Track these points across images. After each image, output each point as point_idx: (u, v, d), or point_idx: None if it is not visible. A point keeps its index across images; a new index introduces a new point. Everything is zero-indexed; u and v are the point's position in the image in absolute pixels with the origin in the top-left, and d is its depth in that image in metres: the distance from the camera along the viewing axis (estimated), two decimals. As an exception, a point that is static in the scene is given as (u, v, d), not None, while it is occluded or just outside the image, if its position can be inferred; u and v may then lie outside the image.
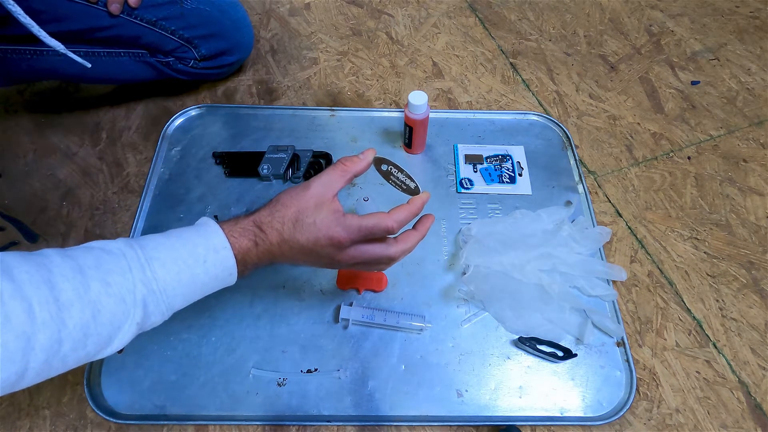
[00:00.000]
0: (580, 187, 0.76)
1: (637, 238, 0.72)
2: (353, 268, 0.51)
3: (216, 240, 0.45)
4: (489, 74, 0.93)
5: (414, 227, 0.53)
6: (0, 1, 0.57)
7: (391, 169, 0.58)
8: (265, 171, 0.75)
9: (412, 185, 0.57)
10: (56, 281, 0.36)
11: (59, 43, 0.64)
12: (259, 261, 0.48)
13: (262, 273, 0.68)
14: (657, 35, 1.00)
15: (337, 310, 0.64)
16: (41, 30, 0.61)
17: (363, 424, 0.58)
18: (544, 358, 0.61)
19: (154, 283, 0.40)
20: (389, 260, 0.51)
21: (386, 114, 0.86)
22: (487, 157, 0.79)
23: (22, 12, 0.59)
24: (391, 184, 0.58)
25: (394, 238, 0.51)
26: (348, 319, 0.62)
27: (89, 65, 0.68)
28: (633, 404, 0.59)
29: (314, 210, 0.47)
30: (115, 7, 0.71)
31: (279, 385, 0.60)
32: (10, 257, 0.36)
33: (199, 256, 0.43)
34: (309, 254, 0.48)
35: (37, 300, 0.35)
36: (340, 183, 0.49)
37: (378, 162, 0.58)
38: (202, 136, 0.83)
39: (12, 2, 0.58)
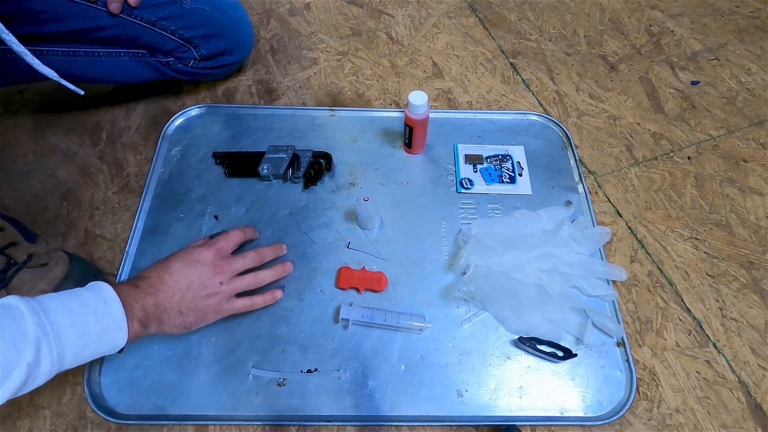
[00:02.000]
0: (580, 187, 0.76)
1: (637, 238, 0.72)
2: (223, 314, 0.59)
3: (106, 294, 0.48)
4: (489, 74, 0.93)
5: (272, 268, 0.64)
6: None
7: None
8: (265, 171, 0.75)
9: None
10: None
11: (53, 71, 0.65)
12: (146, 315, 0.51)
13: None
14: (657, 35, 1.00)
15: (338, 310, 0.64)
16: (35, 58, 0.63)
17: (363, 424, 0.58)
18: (544, 358, 0.61)
19: (48, 326, 0.42)
20: (244, 265, 0.62)
21: (386, 114, 0.86)
22: (487, 157, 0.79)
23: (16, 41, 0.60)
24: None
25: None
26: (348, 319, 0.62)
27: (82, 93, 0.69)
28: (633, 404, 0.59)
29: (180, 252, 0.59)
30: (114, 6, 0.71)
31: (279, 385, 0.60)
32: None
33: (89, 307, 0.46)
34: (188, 288, 0.55)
35: None
36: (216, 252, 0.60)
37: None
38: (202, 136, 0.83)
39: (7, 31, 0.58)
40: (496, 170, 0.78)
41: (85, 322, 0.45)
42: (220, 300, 0.57)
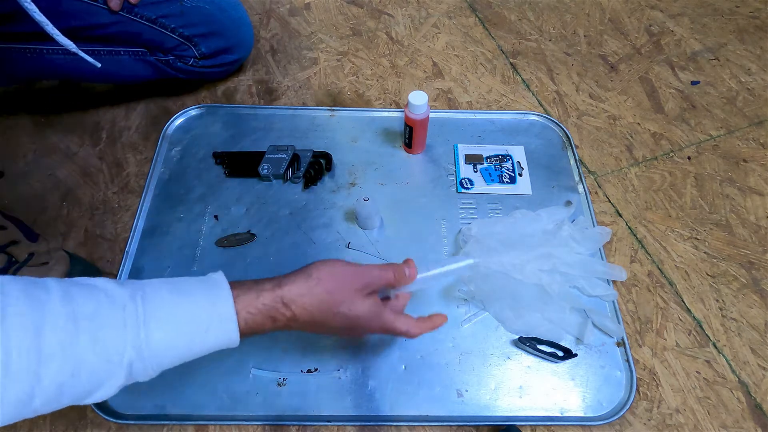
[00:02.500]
0: (580, 187, 0.76)
1: (637, 238, 0.72)
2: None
3: (223, 309, 0.41)
4: (489, 74, 0.93)
5: (429, 316, 0.54)
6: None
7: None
8: (265, 171, 0.75)
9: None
10: (45, 329, 0.34)
11: (71, 42, 0.63)
12: (270, 331, 0.45)
13: (262, 273, 0.68)
14: (657, 35, 1.00)
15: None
16: (54, 28, 0.61)
17: (363, 424, 0.58)
18: (544, 358, 0.61)
19: (145, 349, 0.38)
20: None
21: (386, 114, 0.86)
22: (487, 157, 0.79)
23: (36, 10, 0.58)
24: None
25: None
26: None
27: (99, 65, 0.68)
28: (633, 404, 0.59)
29: (352, 294, 0.46)
30: (115, 3, 0.71)
31: (279, 385, 0.60)
32: (13, 286, 0.34)
33: (201, 324, 0.40)
34: (335, 331, 0.48)
35: (18, 350, 0.32)
36: (382, 283, 0.49)
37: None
38: (202, 136, 0.83)
39: (45, 20, 0.58)
40: (496, 170, 0.78)
41: (189, 342, 0.40)
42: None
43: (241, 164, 0.78)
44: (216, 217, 0.73)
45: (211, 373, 0.60)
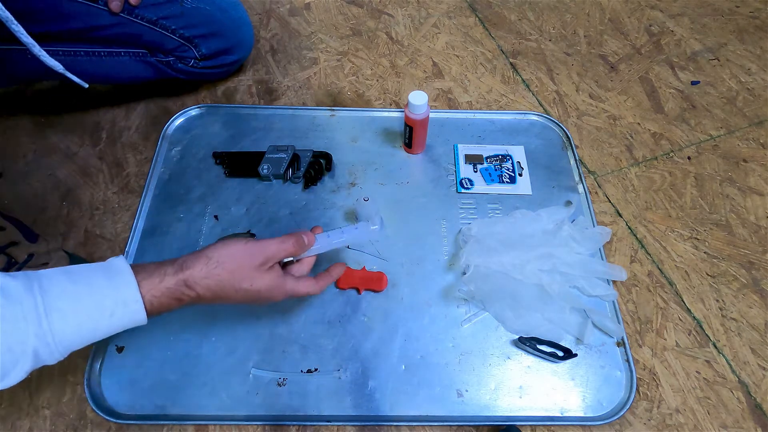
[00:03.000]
0: (580, 187, 0.77)
1: (637, 238, 0.72)
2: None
3: (127, 293, 0.42)
4: (489, 74, 0.93)
5: (327, 270, 0.58)
6: (3, 20, 0.57)
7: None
8: (265, 171, 0.75)
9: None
10: None
11: (58, 63, 0.64)
12: (177, 308, 0.46)
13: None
14: (657, 35, 1.00)
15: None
16: (42, 50, 0.62)
17: (363, 424, 0.58)
18: (544, 358, 0.61)
19: (49, 336, 0.38)
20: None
21: (386, 114, 0.86)
22: (487, 157, 0.79)
23: (23, 31, 0.59)
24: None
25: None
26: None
27: (86, 86, 0.69)
28: (633, 404, 0.59)
29: (252, 271, 0.48)
30: (115, 5, 0.71)
31: (279, 385, 0.60)
32: None
33: (105, 309, 0.41)
34: (239, 303, 0.50)
35: None
36: (282, 256, 0.51)
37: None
38: (202, 136, 0.83)
39: (16, 22, 0.58)
40: (496, 170, 0.78)
41: (95, 326, 0.41)
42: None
43: (241, 164, 0.78)
44: (216, 217, 0.73)
45: (211, 373, 0.60)
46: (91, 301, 0.40)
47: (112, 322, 0.41)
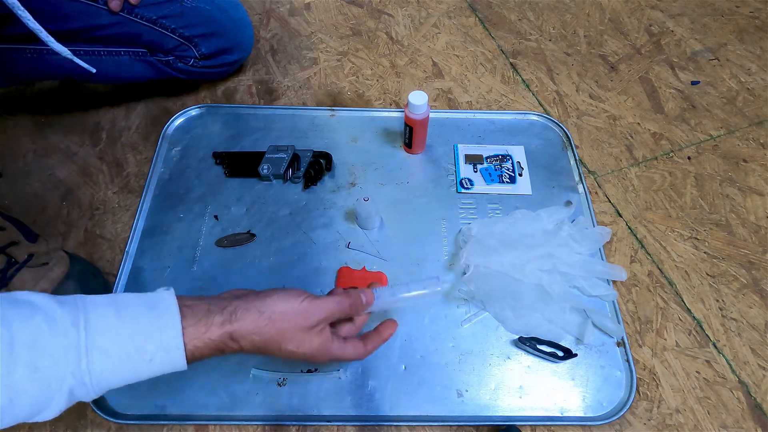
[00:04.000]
0: (580, 187, 0.77)
1: (637, 238, 0.72)
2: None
3: (170, 340, 0.40)
4: (489, 74, 0.93)
5: (377, 329, 0.53)
6: (9, 6, 0.57)
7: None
8: (265, 171, 0.75)
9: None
10: None
11: (65, 48, 0.63)
12: (217, 356, 0.44)
13: (262, 273, 0.68)
14: (657, 35, 1.00)
15: None
16: (49, 36, 0.61)
17: (363, 424, 0.58)
18: (544, 358, 0.61)
19: (87, 377, 0.36)
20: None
21: (386, 114, 0.86)
22: (487, 157, 0.79)
23: (30, 17, 0.59)
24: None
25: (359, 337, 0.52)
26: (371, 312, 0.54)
27: (94, 70, 0.68)
28: (633, 404, 0.59)
29: (302, 333, 0.46)
30: (115, 5, 0.71)
31: (279, 385, 0.60)
32: None
33: (146, 353, 0.39)
34: (278, 356, 0.47)
35: None
36: (336, 317, 0.48)
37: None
38: (202, 136, 0.83)
39: (21, 8, 0.58)
40: (496, 170, 0.78)
41: (133, 370, 0.39)
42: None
43: (241, 164, 0.78)
44: (216, 217, 0.73)
45: (211, 373, 0.60)
46: (133, 344, 0.39)
47: (152, 367, 0.40)
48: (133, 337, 0.39)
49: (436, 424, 0.58)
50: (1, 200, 0.75)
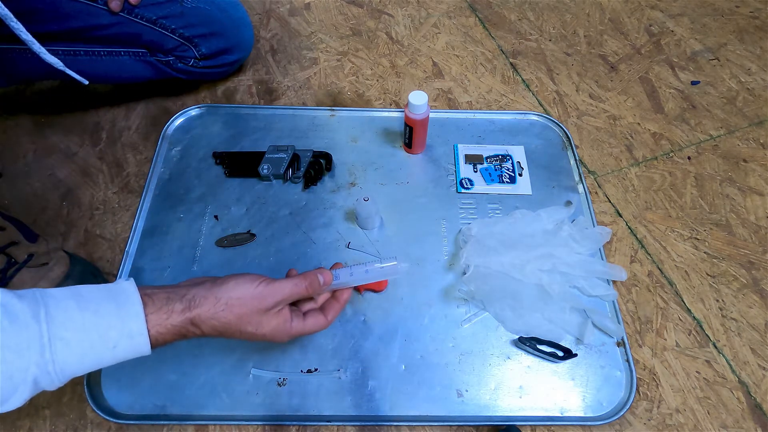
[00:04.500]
0: (580, 187, 0.76)
1: (637, 238, 0.72)
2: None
3: (133, 326, 0.41)
4: (489, 74, 0.93)
5: (333, 296, 0.54)
6: (2, 17, 0.57)
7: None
8: (265, 171, 0.75)
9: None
10: None
11: (58, 61, 0.64)
12: (176, 337, 0.45)
13: (262, 273, 0.67)
14: (657, 35, 1.00)
15: None
16: (41, 47, 0.61)
17: (363, 424, 0.58)
18: (544, 358, 0.61)
19: (50, 365, 0.37)
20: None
21: (386, 114, 0.86)
22: (487, 157, 0.79)
23: (23, 29, 0.59)
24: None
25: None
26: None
27: (86, 82, 0.69)
28: (633, 404, 0.59)
29: (259, 315, 0.47)
30: (115, 5, 0.71)
31: (279, 385, 0.60)
32: None
33: (109, 341, 0.40)
34: (240, 339, 0.48)
35: None
36: (294, 299, 0.49)
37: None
38: (202, 136, 0.83)
39: (15, 20, 0.58)
40: (496, 170, 0.78)
41: (97, 357, 0.40)
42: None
43: (241, 164, 0.78)
44: (216, 217, 0.73)
45: (211, 373, 0.60)
46: (97, 332, 0.40)
47: (116, 353, 0.41)
48: (97, 326, 0.39)
49: (436, 424, 0.58)
50: (1, 200, 0.75)
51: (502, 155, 0.80)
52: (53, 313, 0.38)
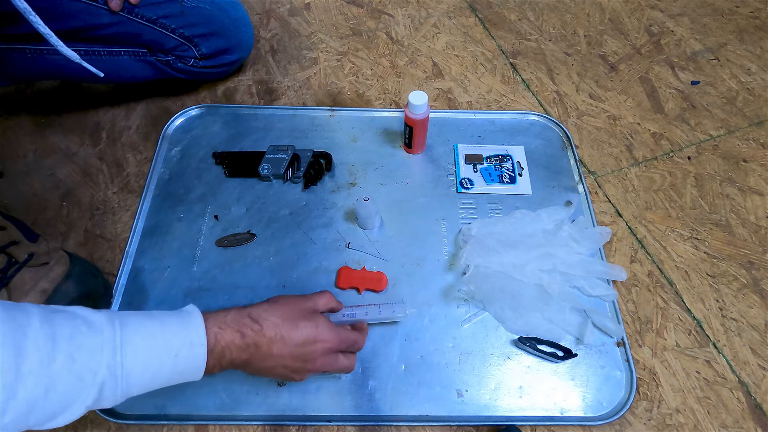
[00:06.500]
0: (580, 187, 0.77)
1: (637, 238, 0.72)
2: (312, 372, 0.53)
3: (195, 335, 0.44)
4: (489, 74, 0.93)
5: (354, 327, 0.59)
6: (21, 11, 0.58)
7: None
8: (265, 171, 0.75)
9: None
10: (26, 348, 0.35)
11: (74, 53, 0.64)
12: (236, 357, 0.47)
13: (262, 273, 0.68)
14: (657, 35, 1.00)
15: None
16: (58, 40, 0.62)
17: (363, 424, 0.58)
18: (544, 358, 0.61)
19: (119, 371, 0.39)
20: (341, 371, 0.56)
21: (386, 114, 0.86)
22: (487, 157, 0.79)
23: (41, 22, 0.59)
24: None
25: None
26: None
27: (101, 74, 0.69)
28: (633, 404, 0.59)
29: (311, 314, 0.52)
30: (115, 4, 0.71)
31: (279, 385, 0.60)
32: None
33: (172, 349, 0.42)
34: (296, 355, 0.50)
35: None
36: (325, 307, 0.55)
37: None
38: (202, 136, 0.83)
39: (33, 13, 0.59)
40: (496, 170, 0.78)
41: (160, 367, 0.42)
42: (303, 372, 0.53)
43: (241, 164, 0.78)
44: (216, 217, 0.73)
45: (211, 373, 0.60)
46: (162, 338, 0.42)
47: (176, 363, 0.42)
48: (162, 333, 0.42)
49: (436, 424, 0.58)
50: (1, 200, 0.75)
51: (502, 155, 0.80)
52: (126, 321, 0.41)
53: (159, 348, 0.42)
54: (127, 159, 0.81)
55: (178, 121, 0.84)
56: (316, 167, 0.77)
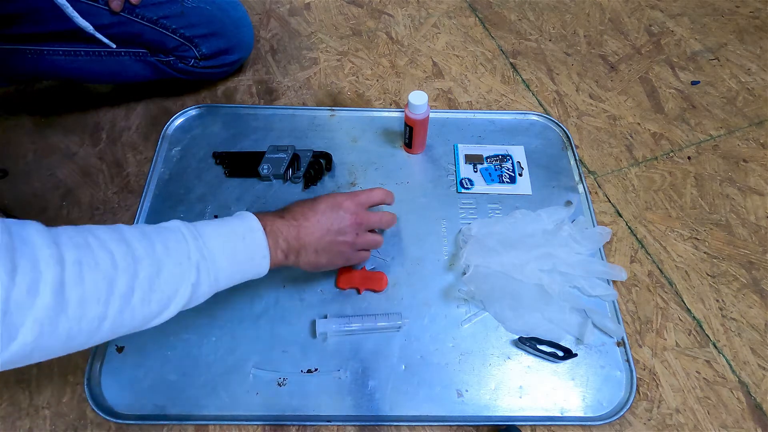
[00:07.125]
0: (580, 187, 0.77)
1: (637, 238, 0.72)
2: (357, 244, 0.60)
3: (251, 223, 0.51)
4: (489, 74, 0.93)
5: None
6: (60, 6, 0.62)
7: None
8: (265, 171, 0.75)
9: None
10: (130, 240, 0.42)
11: (88, 24, 0.68)
12: (288, 235, 0.54)
13: (262, 273, 0.68)
14: (657, 35, 1.00)
15: (314, 324, 0.63)
16: (74, 11, 0.66)
17: (363, 424, 0.58)
18: (544, 358, 0.61)
19: (205, 250, 0.46)
20: (378, 223, 0.62)
21: (386, 114, 0.86)
22: (487, 157, 0.79)
23: (75, 13, 0.64)
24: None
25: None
26: (326, 333, 0.61)
27: (114, 46, 0.72)
28: (633, 404, 0.59)
29: (327, 196, 0.59)
30: (116, 4, 0.71)
31: (279, 385, 0.60)
32: (83, 228, 0.41)
33: (238, 234, 0.50)
34: (332, 220, 0.56)
35: (119, 252, 0.40)
36: (370, 200, 0.61)
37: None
38: (202, 136, 0.83)
39: (65, 2, 0.62)
40: (496, 170, 0.78)
41: (235, 249, 0.49)
42: (351, 249, 0.59)
43: (241, 164, 0.78)
44: (216, 217, 0.73)
45: (211, 373, 0.60)
46: (228, 227, 0.50)
47: (246, 246, 0.50)
48: (225, 225, 0.50)
49: (436, 424, 0.58)
50: (2, 200, 0.75)
51: (502, 155, 0.80)
52: (195, 222, 0.49)
53: (228, 234, 0.49)
54: (127, 159, 0.81)
55: (178, 121, 0.84)
56: (316, 167, 0.77)
